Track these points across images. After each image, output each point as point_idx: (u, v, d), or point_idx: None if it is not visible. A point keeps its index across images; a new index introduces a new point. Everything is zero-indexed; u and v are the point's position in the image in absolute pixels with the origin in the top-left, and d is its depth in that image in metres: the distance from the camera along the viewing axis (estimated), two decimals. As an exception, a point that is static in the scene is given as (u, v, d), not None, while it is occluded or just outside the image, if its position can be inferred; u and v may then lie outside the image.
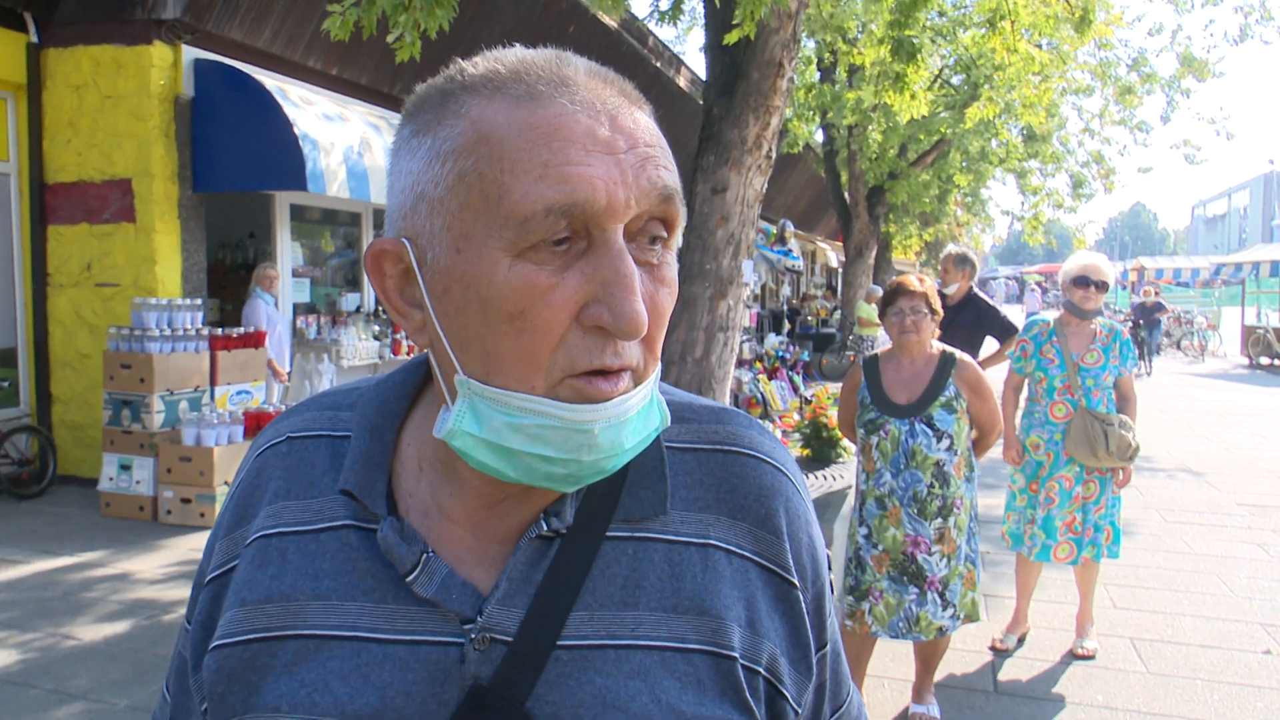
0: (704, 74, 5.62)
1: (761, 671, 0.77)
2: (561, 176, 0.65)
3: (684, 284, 5.24)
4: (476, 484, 0.76)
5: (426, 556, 0.75)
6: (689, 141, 6.04)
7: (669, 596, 0.76)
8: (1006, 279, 64.59)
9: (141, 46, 7.19)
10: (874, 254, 18.17)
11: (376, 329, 9.66)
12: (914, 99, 6.29)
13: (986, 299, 5.92)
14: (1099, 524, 4.42)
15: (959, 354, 3.64)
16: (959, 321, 5.54)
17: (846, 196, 17.34)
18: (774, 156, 5.31)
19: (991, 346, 5.81)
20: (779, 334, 16.17)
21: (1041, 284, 46.15)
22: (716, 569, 0.78)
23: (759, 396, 10.61)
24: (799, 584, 0.82)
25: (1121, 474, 4.41)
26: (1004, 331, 5.71)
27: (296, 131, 7.14)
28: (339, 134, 7.76)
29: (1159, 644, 4.65)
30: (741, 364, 11.43)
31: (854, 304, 16.85)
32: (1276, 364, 19.71)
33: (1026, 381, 4.62)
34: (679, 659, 0.74)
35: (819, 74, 14.86)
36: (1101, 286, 4.41)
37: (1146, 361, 18.52)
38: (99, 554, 5.86)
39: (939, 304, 3.67)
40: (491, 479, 0.74)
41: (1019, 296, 50.33)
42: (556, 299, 0.66)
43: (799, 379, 12.90)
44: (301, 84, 8.29)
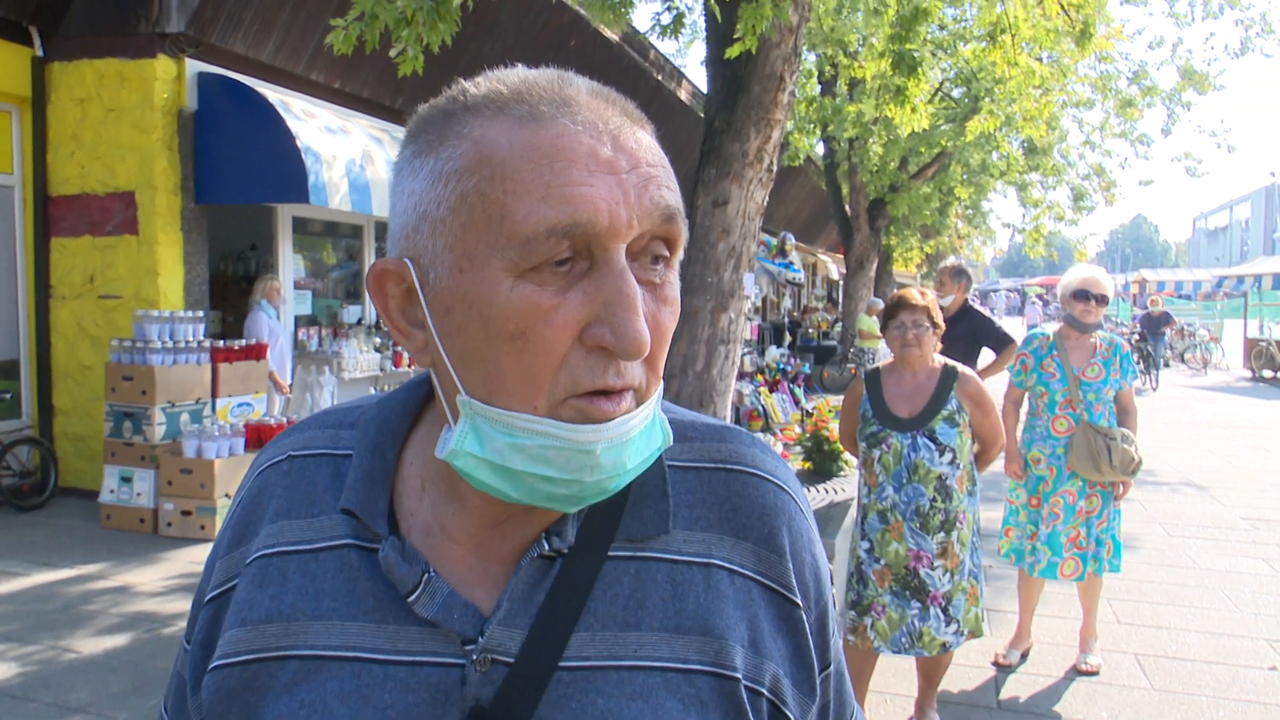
0: (705, 87, 5.64)
1: (764, 692, 0.77)
2: (564, 197, 0.65)
3: (685, 297, 5.24)
4: (479, 504, 0.76)
5: (428, 576, 0.75)
6: (690, 155, 6.05)
7: (671, 616, 0.76)
8: (1008, 291, 64.74)
9: (145, 60, 7.22)
10: (875, 266, 18.19)
11: (378, 341, 9.66)
12: (915, 112, 6.30)
13: (981, 310, 6.01)
14: (1101, 538, 4.41)
15: (961, 367, 3.64)
16: (955, 333, 5.58)
17: (847, 209, 17.35)
18: (775, 169, 5.32)
19: (989, 357, 5.87)
20: (780, 346, 16.17)
21: (1043, 296, 46.22)
22: (719, 589, 0.78)
23: (760, 409, 10.60)
24: (802, 604, 0.81)
25: (1121, 487, 4.40)
26: (1000, 342, 5.82)
27: (299, 144, 7.16)
28: (341, 147, 7.78)
29: (1163, 660, 4.63)
30: (743, 376, 11.43)
31: (855, 316, 16.85)
32: (1279, 377, 19.67)
33: (1027, 395, 4.61)
34: (681, 680, 0.74)
35: (820, 87, 14.89)
36: (1101, 300, 4.41)
37: (1152, 375, 17.90)
38: (99, 566, 5.85)
39: (941, 317, 3.67)
40: (494, 499, 0.73)
41: (1020, 309, 50.40)
42: (559, 319, 0.66)
43: (800, 391, 12.91)
44: (304, 97, 8.31)
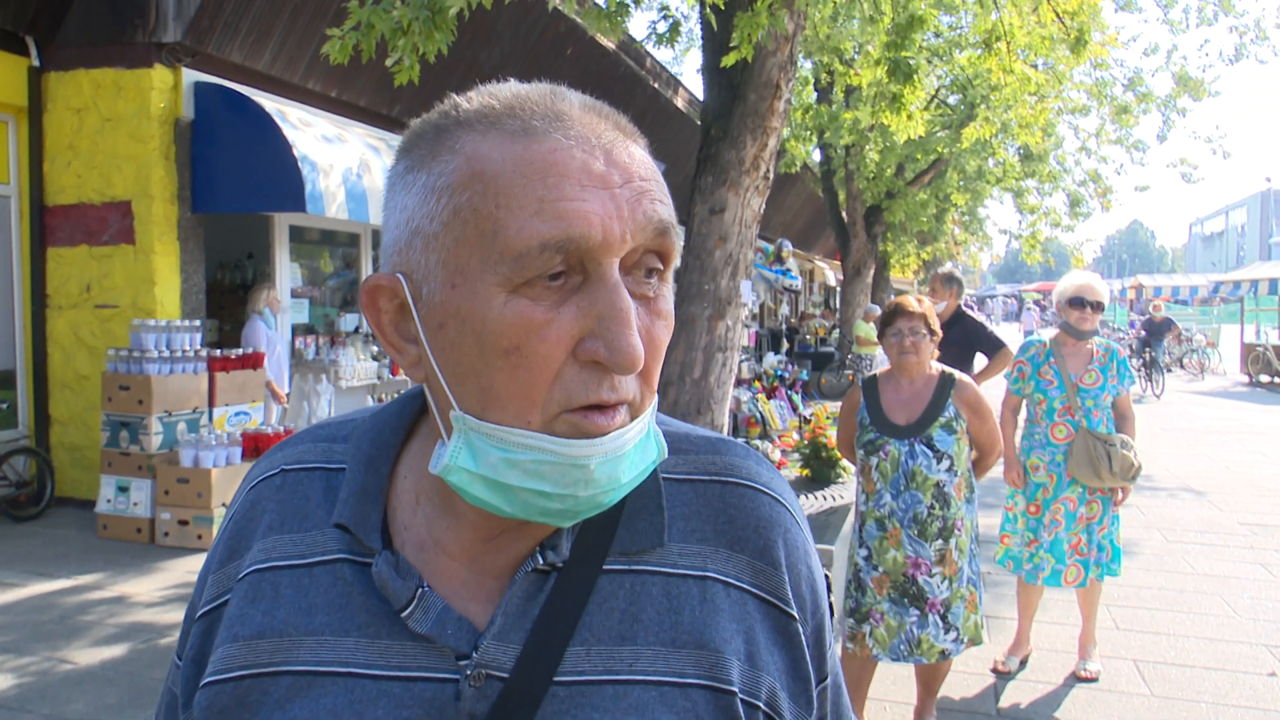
0: (702, 95, 5.64)
1: (761, 706, 0.76)
2: (557, 212, 0.64)
3: (682, 304, 5.24)
4: (473, 518, 0.75)
5: (422, 591, 0.74)
6: (687, 162, 6.06)
7: (667, 630, 0.75)
8: (1005, 297, 64.89)
9: (142, 69, 7.23)
10: (872, 273, 18.21)
11: (375, 350, 9.65)
12: (911, 119, 6.30)
13: (974, 315, 6.06)
14: (1102, 544, 4.41)
15: (958, 374, 3.63)
16: (949, 339, 5.61)
17: (844, 216, 17.38)
18: (771, 177, 5.33)
19: (982, 362, 5.93)
20: (777, 353, 16.17)
21: (1040, 302, 46.26)
22: (715, 602, 0.77)
23: (758, 416, 10.59)
24: (798, 616, 0.81)
25: (1121, 492, 4.40)
26: (992, 346, 5.88)
27: (296, 153, 7.16)
28: (338, 155, 7.78)
29: (1163, 666, 4.62)
30: (740, 383, 11.43)
31: (852, 323, 16.86)
32: (1276, 382, 19.70)
33: (1025, 403, 4.61)
34: (677, 694, 0.73)
35: (816, 95, 14.91)
36: (1097, 307, 4.43)
37: (1156, 382, 17.50)
38: (96, 576, 5.83)
39: (938, 325, 3.67)
40: (488, 514, 0.73)
41: (1017, 314, 50.46)
42: (552, 334, 0.66)
43: (798, 398, 12.90)
44: (301, 106, 8.32)
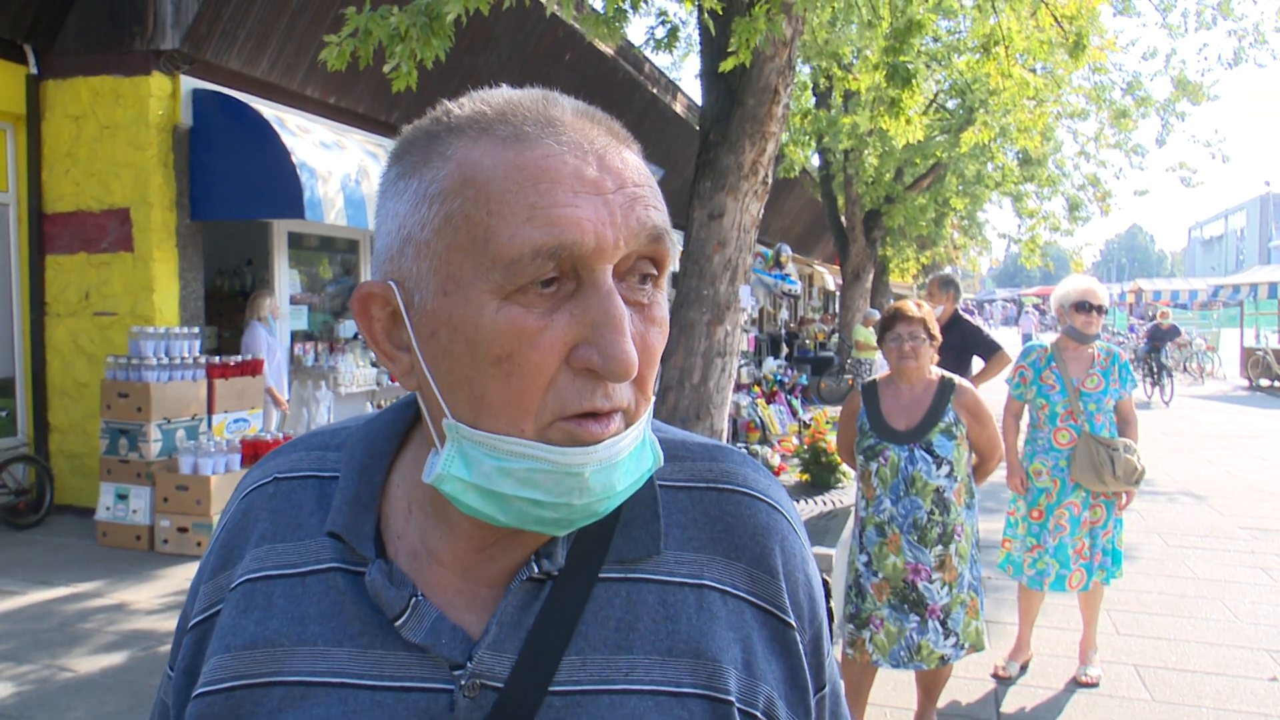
0: (700, 100, 5.65)
1: (759, 715, 0.76)
2: (549, 218, 0.64)
3: (681, 309, 5.24)
4: (467, 527, 0.75)
5: (415, 600, 0.74)
6: (685, 168, 6.06)
7: (663, 639, 0.75)
8: (1004, 301, 64.97)
9: (140, 77, 7.23)
10: (871, 277, 18.21)
11: (374, 356, 9.62)
12: (909, 124, 6.31)
13: (969, 319, 6.11)
14: (1106, 548, 4.40)
15: (958, 379, 3.63)
16: (946, 343, 5.66)
17: (843, 220, 17.39)
18: (770, 182, 5.32)
19: (979, 366, 5.99)
20: (777, 358, 16.16)
21: (1039, 306, 46.30)
22: (711, 610, 0.77)
23: (757, 421, 10.58)
24: (796, 625, 0.80)
25: (1125, 497, 4.40)
26: (988, 350, 5.96)
27: (294, 160, 7.16)
28: (336, 162, 7.78)
29: (1164, 671, 4.61)
30: (740, 388, 11.42)
31: (851, 327, 16.85)
32: (1276, 386, 19.69)
33: (1026, 408, 4.61)
34: (674, 704, 0.73)
35: (814, 99, 14.92)
36: (1101, 310, 4.45)
37: (1165, 387, 17.10)
38: (96, 584, 5.82)
39: (937, 329, 3.66)
40: (482, 522, 0.73)
41: (1016, 319, 50.50)
42: (545, 341, 0.65)
43: (797, 403, 12.90)
44: (299, 112, 8.32)
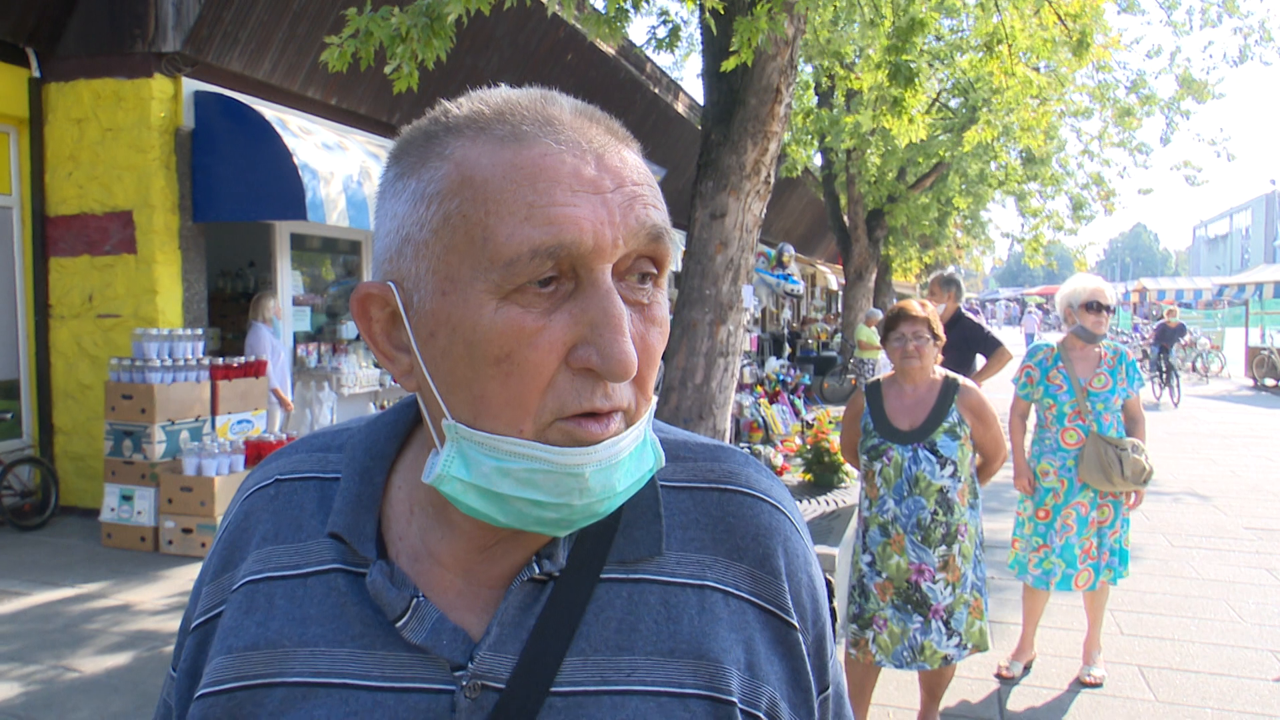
0: (702, 100, 5.64)
1: (761, 716, 0.75)
2: (547, 217, 0.64)
3: (684, 309, 5.24)
4: (468, 528, 0.75)
5: (417, 601, 0.73)
6: (687, 167, 6.05)
7: (665, 640, 0.74)
8: (1007, 301, 64.94)
9: (142, 79, 7.23)
10: (874, 277, 18.19)
11: (376, 358, 9.63)
12: (912, 123, 6.30)
13: (971, 317, 6.15)
14: (1114, 548, 4.39)
15: (962, 379, 3.62)
16: (949, 342, 5.67)
17: (845, 220, 17.37)
18: (772, 181, 5.32)
19: (982, 364, 6.02)
20: (780, 358, 16.15)
21: (1043, 305, 46.25)
22: (713, 611, 0.76)
23: (760, 421, 10.57)
24: (799, 625, 0.80)
25: (1133, 496, 4.38)
26: (989, 346, 5.99)
27: (296, 161, 7.17)
28: (338, 163, 7.79)
29: (1168, 671, 4.60)
30: (742, 388, 11.41)
31: (854, 327, 16.84)
32: (1281, 385, 19.63)
33: (1033, 408, 4.59)
34: (676, 705, 0.72)
35: (817, 99, 14.93)
36: (1109, 310, 4.44)
37: (1174, 388, 16.78)
38: (101, 585, 5.83)
39: (941, 329, 3.65)
40: (482, 523, 0.72)
41: (1019, 318, 50.47)
42: (544, 341, 0.65)
43: (800, 403, 12.88)
44: (301, 114, 8.32)
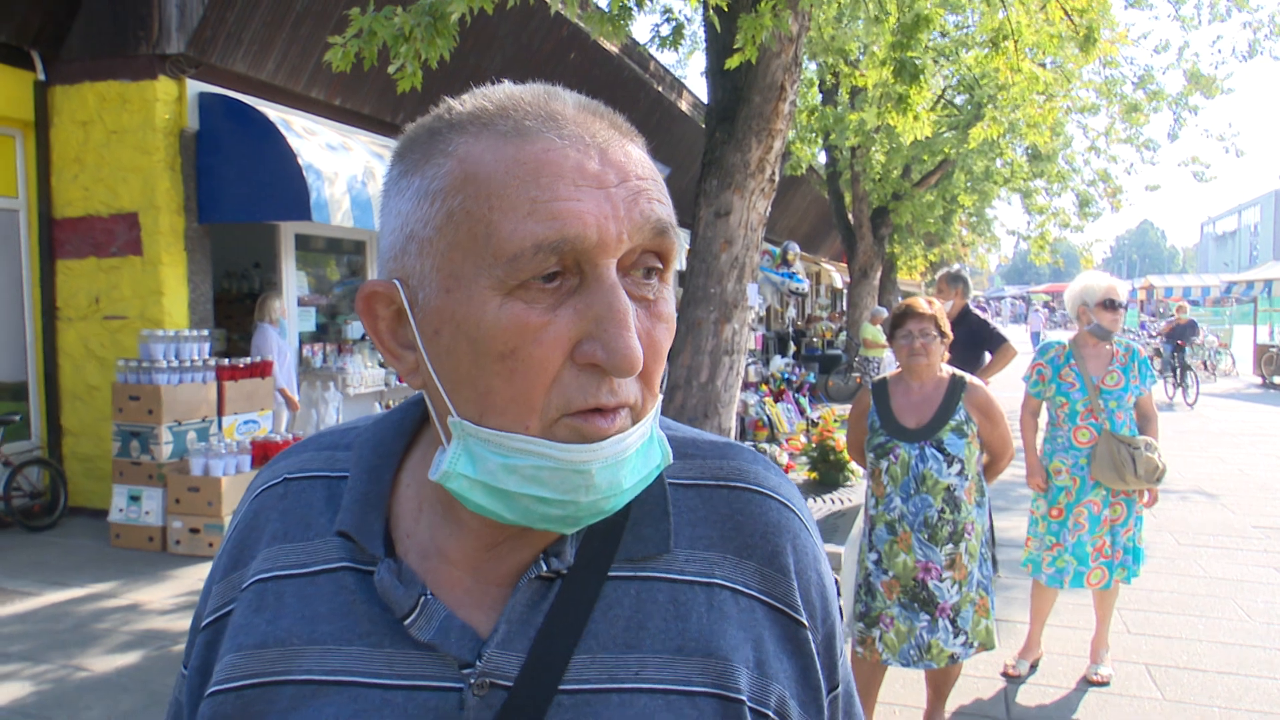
0: (706, 98, 5.63)
1: (770, 714, 0.75)
2: (550, 212, 0.63)
3: (689, 308, 5.24)
4: (475, 525, 0.74)
5: (424, 599, 0.73)
6: (692, 166, 6.05)
7: (674, 638, 0.74)
8: (1013, 299, 64.86)
9: (146, 81, 7.25)
10: (879, 275, 18.15)
11: (382, 356, 9.63)
12: (917, 120, 6.28)
13: (979, 314, 6.19)
14: (1127, 545, 4.38)
15: (969, 377, 3.61)
16: (956, 338, 5.69)
17: (850, 218, 17.33)
18: (777, 179, 5.31)
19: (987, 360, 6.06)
20: (785, 356, 16.14)
21: (1049, 303, 46.14)
22: (722, 609, 0.76)
23: (765, 419, 10.56)
24: (808, 623, 0.80)
25: (1147, 494, 4.37)
26: (994, 342, 6.02)
27: (300, 162, 7.18)
28: (342, 164, 7.80)
29: (1175, 670, 4.59)
30: (747, 387, 11.40)
31: (859, 325, 16.81)
32: (1289, 382, 19.55)
33: (1045, 406, 4.58)
34: (685, 703, 0.72)
35: (821, 96, 14.90)
36: (1124, 307, 4.43)
37: (1188, 389, 16.22)
38: (110, 585, 5.85)
39: (948, 326, 3.64)
40: (490, 521, 0.72)
41: (1025, 316, 50.40)
42: (548, 337, 0.65)
43: (805, 401, 12.87)
44: (305, 115, 8.33)
